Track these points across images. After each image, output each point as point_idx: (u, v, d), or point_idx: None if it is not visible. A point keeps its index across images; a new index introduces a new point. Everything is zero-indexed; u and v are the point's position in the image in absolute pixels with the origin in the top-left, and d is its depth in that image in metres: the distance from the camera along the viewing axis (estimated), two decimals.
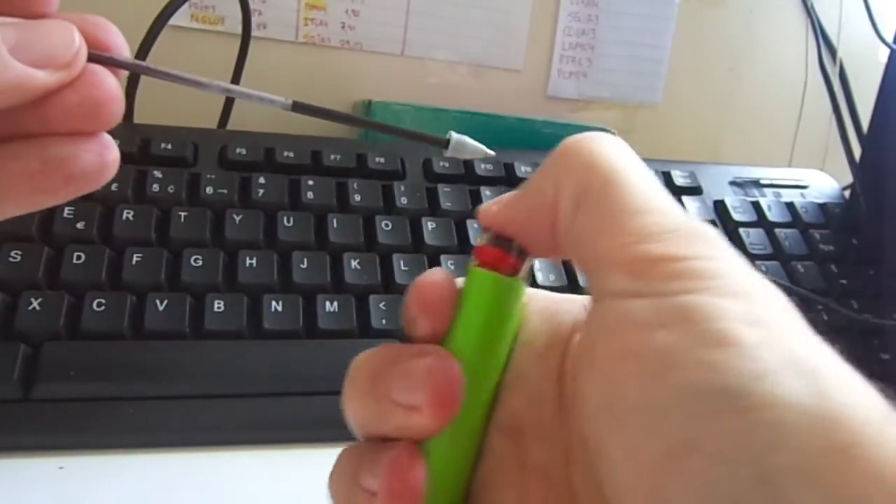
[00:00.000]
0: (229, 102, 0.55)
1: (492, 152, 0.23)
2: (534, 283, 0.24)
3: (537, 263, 0.45)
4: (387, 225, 0.44)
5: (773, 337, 0.15)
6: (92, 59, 0.19)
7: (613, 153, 0.18)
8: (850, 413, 0.13)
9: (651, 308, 0.15)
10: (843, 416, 0.13)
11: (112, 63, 0.19)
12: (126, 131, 0.44)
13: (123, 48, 0.20)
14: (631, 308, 0.16)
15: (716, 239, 0.17)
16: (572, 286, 0.44)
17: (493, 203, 0.20)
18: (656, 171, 0.53)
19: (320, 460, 0.19)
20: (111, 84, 0.19)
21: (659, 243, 0.16)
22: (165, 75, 0.20)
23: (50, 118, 0.19)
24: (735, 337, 0.14)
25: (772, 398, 0.13)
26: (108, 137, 0.20)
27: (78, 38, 0.19)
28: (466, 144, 0.22)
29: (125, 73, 0.20)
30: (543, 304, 0.20)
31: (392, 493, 0.17)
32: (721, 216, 0.52)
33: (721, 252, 0.16)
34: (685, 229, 0.17)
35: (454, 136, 0.22)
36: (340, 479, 0.19)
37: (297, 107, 0.21)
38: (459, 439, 0.18)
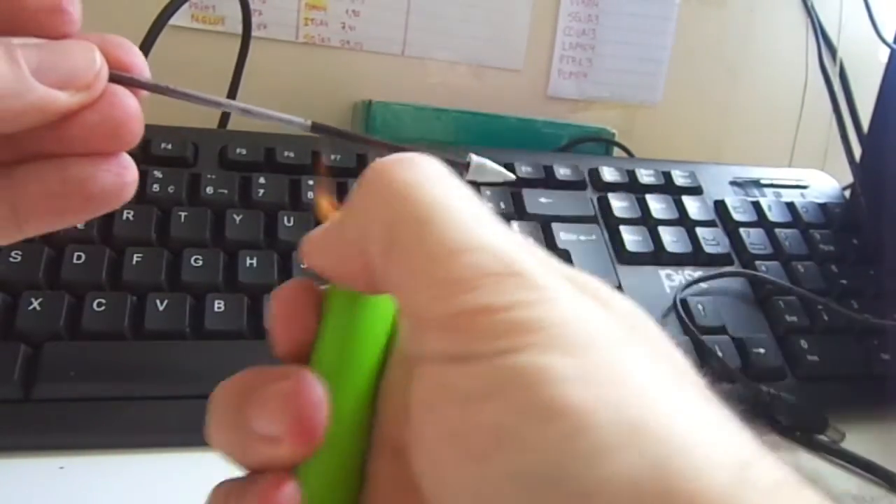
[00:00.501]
0: None
1: (512, 176, 0.22)
2: None
3: None
4: None
5: (609, 397, 0.13)
6: (113, 79, 0.19)
7: (425, 181, 0.16)
8: (693, 486, 0.12)
9: (471, 377, 0.14)
10: (687, 491, 0.12)
11: (132, 84, 0.19)
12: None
13: (144, 68, 0.20)
14: (450, 377, 0.14)
15: (541, 274, 0.15)
16: None
17: (312, 236, 0.18)
18: (656, 171, 0.53)
19: None
20: (131, 105, 0.19)
21: (476, 291, 0.14)
22: (185, 96, 0.20)
23: (70, 139, 0.19)
24: (564, 406, 0.13)
25: (606, 482, 0.12)
26: (128, 157, 0.20)
27: (99, 59, 0.19)
28: (486, 168, 0.21)
29: (146, 94, 0.20)
30: None
31: None
32: (721, 216, 0.52)
33: (547, 291, 0.14)
34: (505, 269, 0.14)
35: (474, 158, 0.21)
36: None
37: (316, 128, 0.21)
38: (334, 464, 0.17)
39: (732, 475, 0.12)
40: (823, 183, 0.59)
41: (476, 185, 0.48)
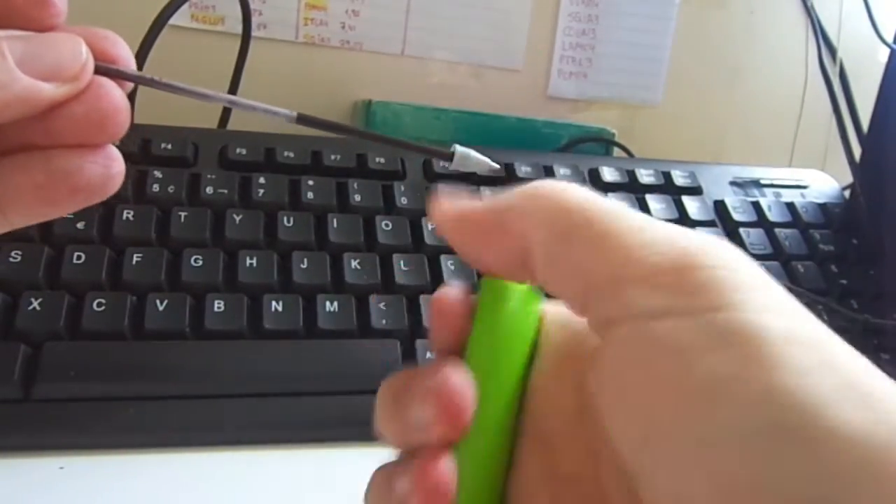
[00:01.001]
0: None
1: (496, 165, 0.22)
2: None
3: None
4: (387, 225, 0.44)
5: (822, 357, 0.14)
6: (98, 71, 0.19)
7: (588, 198, 0.17)
8: None
9: (687, 329, 0.14)
10: None
11: (118, 75, 0.20)
12: (126, 131, 0.44)
13: (130, 60, 0.20)
14: (663, 330, 0.14)
15: (731, 247, 0.16)
16: None
17: (453, 211, 0.19)
18: (656, 171, 0.53)
19: (321, 460, 0.20)
20: (117, 96, 0.19)
21: (675, 252, 0.15)
22: (171, 87, 0.20)
23: (56, 130, 0.19)
24: (784, 361, 0.13)
25: (836, 430, 0.12)
26: (114, 149, 0.20)
27: (85, 51, 0.19)
28: (470, 157, 0.22)
29: (131, 86, 0.20)
30: (559, 311, 0.20)
31: (424, 490, 0.17)
32: (721, 216, 0.52)
33: (742, 262, 0.15)
34: (696, 238, 0.16)
35: (458, 148, 0.22)
36: (375, 493, 0.19)
37: (302, 119, 0.21)
38: (483, 448, 0.18)
39: None
40: (823, 183, 0.59)
41: (476, 185, 0.48)
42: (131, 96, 0.48)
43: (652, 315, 0.15)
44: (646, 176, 0.53)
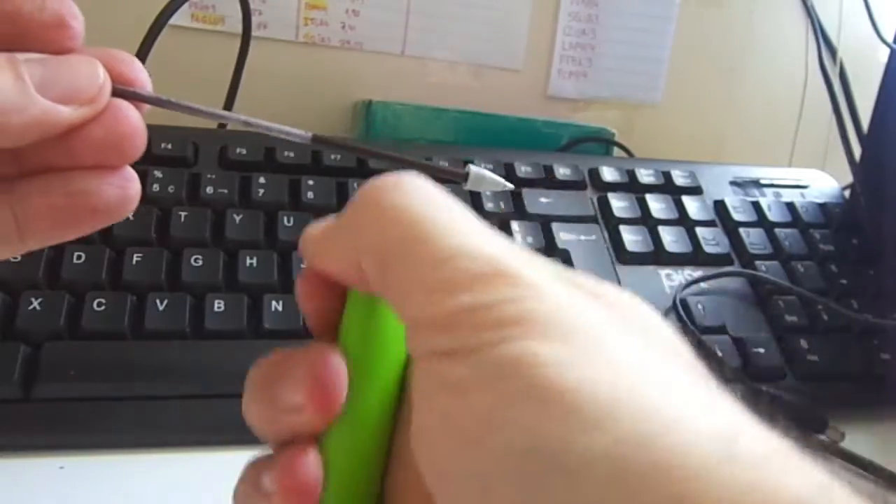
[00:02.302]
0: (230, 102, 0.55)
1: (511, 186, 0.22)
2: None
3: None
4: None
5: (595, 377, 0.13)
6: (116, 93, 0.19)
7: (412, 202, 0.17)
8: (679, 461, 0.12)
9: (463, 366, 0.14)
10: (674, 464, 0.12)
11: (135, 98, 0.20)
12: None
13: (146, 82, 0.20)
14: (444, 369, 0.15)
15: (528, 273, 0.15)
16: None
17: (312, 236, 0.19)
18: (656, 171, 0.53)
19: None
20: (134, 118, 0.19)
21: (465, 292, 0.15)
22: (188, 109, 0.20)
23: (74, 152, 0.19)
24: (551, 387, 0.13)
25: (592, 458, 0.12)
26: (131, 171, 0.20)
27: (102, 74, 0.19)
28: (485, 178, 0.21)
29: (148, 107, 0.20)
30: None
31: (286, 490, 0.17)
32: (721, 216, 0.52)
33: (534, 288, 0.15)
34: (492, 269, 0.15)
35: (472, 169, 0.21)
36: (241, 488, 0.19)
37: (317, 140, 0.21)
38: (354, 441, 0.18)
39: (720, 449, 0.12)
40: (823, 183, 0.59)
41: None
42: None
43: (440, 355, 0.15)
44: (646, 176, 0.53)
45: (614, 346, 0.14)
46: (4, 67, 0.17)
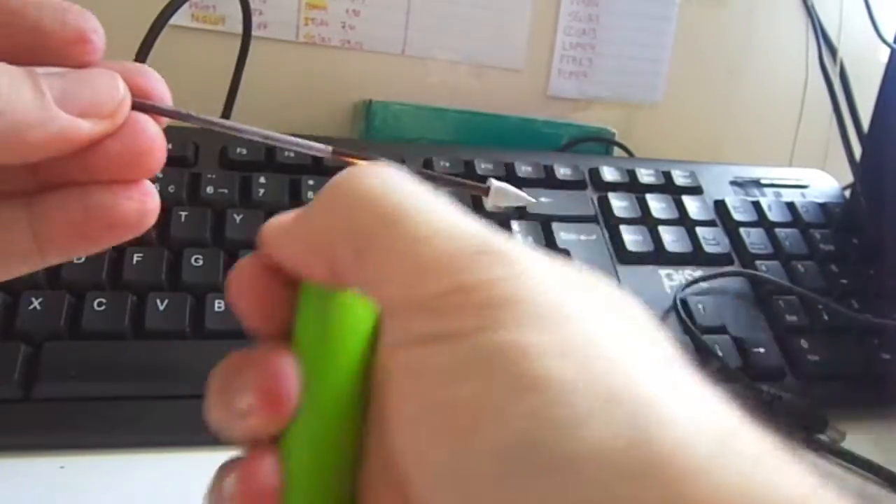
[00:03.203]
0: (230, 102, 0.55)
1: (533, 200, 0.22)
2: None
3: None
4: None
5: (586, 369, 0.13)
6: (135, 107, 0.19)
7: (388, 187, 0.16)
8: (673, 456, 0.12)
9: (450, 354, 0.14)
10: (667, 462, 0.12)
11: (155, 111, 0.20)
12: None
13: (165, 95, 0.20)
14: (429, 357, 0.14)
15: (513, 252, 0.15)
16: None
17: (273, 229, 0.19)
18: (656, 171, 0.53)
19: None
20: (154, 132, 0.19)
21: (449, 273, 0.14)
22: (207, 122, 0.20)
23: (93, 167, 0.19)
24: (542, 378, 0.13)
25: (585, 452, 0.12)
26: (149, 185, 0.20)
27: (122, 88, 0.19)
28: (508, 193, 0.21)
29: (167, 121, 0.20)
30: None
31: (242, 494, 0.17)
32: (721, 216, 0.52)
33: (519, 268, 0.14)
34: (477, 248, 0.15)
35: (494, 183, 0.21)
36: (209, 491, 0.18)
37: (337, 153, 0.21)
38: (316, 436, 0.17)
39: (713, 445, 0.12)
40: (823, 183, 0.59)
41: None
42: None
43: (424, 341, 0.14)
44: (646, 175, 0.53)
45: (603, 337, 0.14)
46: (24, 81, 0.17)
